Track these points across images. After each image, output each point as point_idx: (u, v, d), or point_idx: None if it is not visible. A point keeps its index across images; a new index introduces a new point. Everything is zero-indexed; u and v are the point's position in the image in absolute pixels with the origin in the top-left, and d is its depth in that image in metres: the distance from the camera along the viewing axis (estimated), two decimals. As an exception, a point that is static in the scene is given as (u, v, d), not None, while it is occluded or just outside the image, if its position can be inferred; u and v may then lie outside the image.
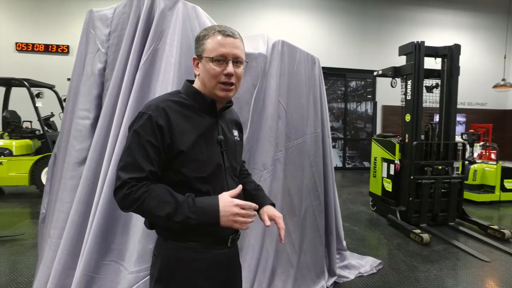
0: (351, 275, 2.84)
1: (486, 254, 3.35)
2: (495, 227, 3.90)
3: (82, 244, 1.32)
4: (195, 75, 1.08)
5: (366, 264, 3.01)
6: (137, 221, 1.31)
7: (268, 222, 1.10)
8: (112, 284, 1.23)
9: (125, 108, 1.41)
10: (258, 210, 1.14)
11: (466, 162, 5.68)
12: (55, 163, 1.71)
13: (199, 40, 1.04)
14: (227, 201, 0.95)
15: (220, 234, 1.05)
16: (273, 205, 1.20)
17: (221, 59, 1.00)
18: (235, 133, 1.19)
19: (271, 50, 2.13)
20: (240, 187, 1.04)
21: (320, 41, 8.98)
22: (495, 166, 5.41)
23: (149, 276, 1.07)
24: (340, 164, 9.10)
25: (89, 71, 1.62)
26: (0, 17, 7.96)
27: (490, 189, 5.51)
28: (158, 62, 1.49)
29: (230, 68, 1.00)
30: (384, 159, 4.71)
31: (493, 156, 6.16)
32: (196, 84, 1.08)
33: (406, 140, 4.33)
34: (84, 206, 1.40)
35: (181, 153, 0.98)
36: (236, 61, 1.02)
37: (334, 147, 9.11)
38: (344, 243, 3.32)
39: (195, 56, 1.06)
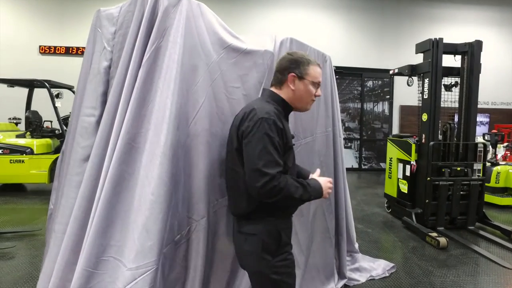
0: (362, 278, 2.76)
1: (509, 261, 3.19)
2: (519, 232, 3.71)
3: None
4: (280, 88, 1.41)
5: (378, 267, 2.93)
6: (137, 218, 1.30)
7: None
8: (111, 279, 1.23)
9: (127, 105, 1.42)
10: None
11: (489, 164, 5.45)
12: (62, 160, 1.75)
13: (303, 64, 1.37)
14: (322, 180, 1.38)
15: (293, 209, 1.45)
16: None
17: (318, 84, 1.41)
18: None
19: (279, 47, 2.09)
20: (318, 171, 1.50)
21: (336, 40, 8.85)
22: (519, 168, 5.15)
23: (150, 272, 1.23)
24: (356, 165, 8.92)
25: (95, 70, 1.63)
26: (26, 22, 8.28)
27: (514, 192, 5.25)
28: (160, 59, 1.48)
29: (320, 91, 1.43)
30: (400, 160, 4.57)
31: (518, 157, 5.86)
32: (285, 95, 1.40)
33: (423, 140, 4.18)
34: (87, 202, 1.41)
35: (290, 148, 1.34)
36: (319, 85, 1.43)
37: (350, 147, 8.95)
38: (356, 245, 3.24)
39: (294, 74, 1.36)
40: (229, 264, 1.67)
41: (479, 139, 5.68)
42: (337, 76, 8.72)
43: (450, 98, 4.38)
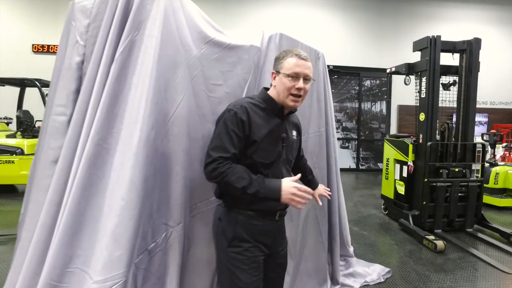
0: (356, 283, 2.66)
1: (508, 265, 3.09)
2: (518, 234, 3.61)
3: (51, 248, 1.24)
4: (271, 85, 1.41)
5: (373, 273, 2.82)
6: (106, 225, 1.20)
7: (320, 202, 1.70)
8: (75, 293, 1.13)
9: (98, 103, 1.32)
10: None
11: (487, 164, 5.36)
12: (34, 162, 1.65)
13: (279, 59, 1.36)
14: (288, 183, 1.24)
15: (271, 208, 1.36)
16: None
17: (295, 76, 1.31)
18: (294, 133, 1.50)
19: (267, 43, 1.99)
20: (299, 175, 1.32)
21: (334, 39, 8.75)
22: (519, 169, 5.05)
23: (118, 285, 1.16)
24: (353, 166, 8.83)
25: (67, 65, 1.53)
26: (18, 20, 8.17)
27: (513, 193, 5.16)
28: (135, 54, 1.38)
29: (301, 83, 1.31)
30: (396, 161, 4.48)
31: (517, 158, 5.77)
32: (271, 92, 1.40)
33: (420, 141, 4.08)
34: (55, 208, 1.30)
35: (254, 142, 1.30)
36: (306, 78, 1.33)
37: (347, 147, 8.85)
38: (351, 249, 3.14)
39: (273, 71, 1.38)
40: (208, 272, 1.57)
41: (478, 139, 5.59)
42: (335, 76, 8.68)
43: (448, 98, 4.28)
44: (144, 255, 1.28)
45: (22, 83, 6.01)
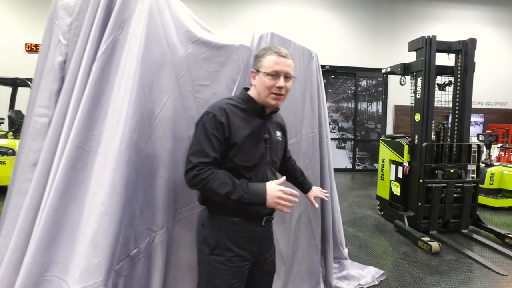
0: (350, 286, 2.62)
1: (503, 267, 3.07)
2: (514, 236, 3.59)
3: (29, 255, 1.19)
4: (251, 84, 1.35)
5: (367, 275, 2.79)
6: (85, 231, 1.16)
7: (316, 205, 1.67)
8: (52, 304, 1.09)
9: (79, 104, 1.27)
10: (306, 193, 1.72)
11: (483, 165, 5.34)
12: (15, 165, 1.60)
13: (258, 57, 1.31)
14: (273, 186, 1.19)
15: (257, 213, 1.30)
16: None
17: (275, 75, 1.25)
18: (278, 134, 1.44)
19: (258, 42, 1.95)
20: (283, 178, 1.25)
21: (330, 38, 8.72)
22: (514, 170, 5.04)
23: None
24: (349, 166, 8.80)
25: (49, 65, 1.48)
26: (10, 19, 8.07)
27: (509, 193, 5.14)
28: (118, 54, 1.34)
29: (281, 82, 1.25)
30: (392, 161, 4.45)
31: (513, 158, 5.76)
32: (251, 92, 1.34)
33: (416, 141, 4.06)
34: (34, 213, 1.25)
35: (235, 145, 1.23)
36: (286, 76, 1.27)
37: (343, 148, 8.83)
38: (346, 251, 3.11)
39: (253, 70, 1.32)
40: (192, 278, 1.52)
41: (473, 140, 5.57)
42: (332, 76, 8.66)
43: (444, 98, 4.26)
44: (125, 262, 1.24)
45: (14, 83, 5.93)
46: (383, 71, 4.83)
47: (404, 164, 4.14)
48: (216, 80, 1.62)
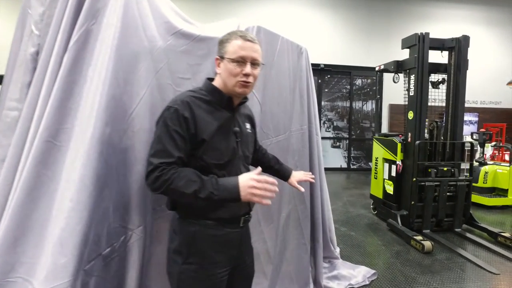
0: (340, 286, 2.58)
1: (495, 266, 3.03)
2: (507, 234, 3.56)
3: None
4: (216, 73, 1.23)
5: (358, 275, 2.74)
6: (54, 228, 1.10)
7: (302, 188, 1.48)
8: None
9: (49, 96, 1.21)
10: (286, 180, 1.59)
11: (476, 164, 5.33)
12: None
13: (222, 43, 1.19)
14: (245, 177, 1.08)
15: (233, 214, 1.20)
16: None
17: (241, 61, 1.15)
18: (248, 126, 1.34)
19: (243, 36, 1.89)
20: (259, 168, 1.13)
21: (324, 37, 8.68)
22: (508, 168, 5.02)
23: None
24: (344, 165, 8.78)
25: (22, 56, 1.42)
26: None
27: (502, 192, 5.13)
28: (91, 44, 1.28)
29: (248, 68, 1.15)
30: (385, 160, 4.41)
31: (506, 157, 5.75)
32: (216, 82, 1.23)
33: (409, 139, 4.02)
34: (1, 211, 1.20)
35: (203, 141, 1.13)
36: (254, 63, 1.17)
37: (338, 147, 8.80)
38: (338, 250, 3.07)
39: (217, 57, 1.20)
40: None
41: (468, 138, 5.55)
42: (328, 75, 8.62)
43: (440, 96, 4.22)
44: (97, 261, 1.18)
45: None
46: (376, 68, 4.80)
47: (398, 162, 4.10)
48: (197, 73, 1.56)
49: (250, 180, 1.06)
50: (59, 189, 1.17)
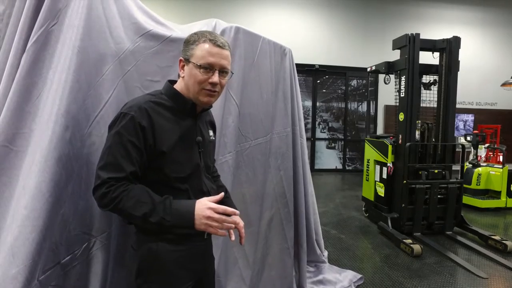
0: (325, 291, 2.54)
1: (484, 269, 3.00)
2: (497, 237, 3.52)
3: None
4: (179, 76, 1.13)
5: (344, 279, 2.70)
6: (7, 237, 1.06)
7: (233, 237, 1.10)
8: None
9: (5, 99, 1.17)
10: None
11: (470, 165, 5.29)
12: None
13: (189, 43, 1.08)
14: (203, 204, 0.99)
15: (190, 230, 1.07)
16: None
17: (208, 68, 1.05)
18: (210, 133, 1.25)
19: (220, 37, 1.85)
20: (222, 194, 1.06)
21: (319, 38, 8.65)
22: (501, 170, 4.99)
23: None
24: (340, 166, 8.73)
25: (-17, 58, 1.39)
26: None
27: (495, 194, 5.09)
28: (53, 46, 1.24)
29: (216, 77, 1.06)
30: (377, 162, 4.38)
31: (500, 158, 5.72)
32: (179, 85, 1.12)
33: (400, 141, 3.99)
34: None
35: (163, 154, 1.03)
36: (222, 71, 1.08)
37: (333, 148, 8.76)
38: (326, 253, 3.03)
39: (181, 58, 1.10)
40: None
41: (462, 140, 5.51)
42: (326, 76, 8.58)
43: (434, 98, 4.18)
44: (54, 270, 1.14)
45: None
46: (368, 69, 4.77)
47: (388, 164, 4.06)
48: (168, 76, 1.52)
49: (207, 210, 0.98)
50: (14, 196, 1.13)
